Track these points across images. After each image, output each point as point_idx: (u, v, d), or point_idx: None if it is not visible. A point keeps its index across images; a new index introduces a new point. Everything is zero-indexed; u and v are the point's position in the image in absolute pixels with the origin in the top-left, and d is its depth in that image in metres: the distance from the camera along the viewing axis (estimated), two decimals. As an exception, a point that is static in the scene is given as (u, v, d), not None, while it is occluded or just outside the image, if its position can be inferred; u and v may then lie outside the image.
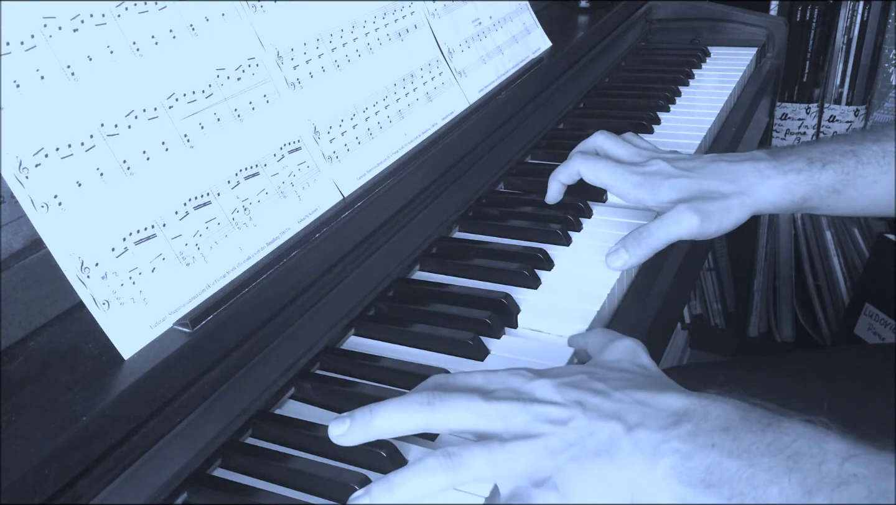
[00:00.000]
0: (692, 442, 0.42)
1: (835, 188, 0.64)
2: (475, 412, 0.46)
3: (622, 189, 0.69)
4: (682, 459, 0.42)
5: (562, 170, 0.73)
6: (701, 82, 1.10)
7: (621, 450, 0.43)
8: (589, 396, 0.46)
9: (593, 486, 0.43)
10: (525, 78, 0.89)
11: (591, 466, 0.43)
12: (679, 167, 0.68)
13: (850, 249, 1.54)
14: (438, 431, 0.48)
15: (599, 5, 1.16)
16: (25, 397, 0.44)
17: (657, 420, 0.44)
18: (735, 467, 0.41)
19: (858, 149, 0.65)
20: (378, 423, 0.47)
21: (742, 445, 0.41)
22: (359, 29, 0.70)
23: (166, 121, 0.52)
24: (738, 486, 0.40)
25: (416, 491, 0.44)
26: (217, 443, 0.51)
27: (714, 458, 0.41)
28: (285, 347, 0.56)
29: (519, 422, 0.46)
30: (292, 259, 0.56)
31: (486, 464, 0.44)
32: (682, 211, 0.64)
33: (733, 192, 0.65)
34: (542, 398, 0.47)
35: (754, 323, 1.70)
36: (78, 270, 0.45)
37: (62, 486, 0.41)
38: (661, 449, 0.43)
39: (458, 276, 0.69)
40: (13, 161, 0.43)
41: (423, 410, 0.46)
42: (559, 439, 0.44)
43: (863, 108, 1.48)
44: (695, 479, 0.41)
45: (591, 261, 0.68)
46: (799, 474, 0.39)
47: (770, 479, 0.39)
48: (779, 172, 0.65)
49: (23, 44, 0.45)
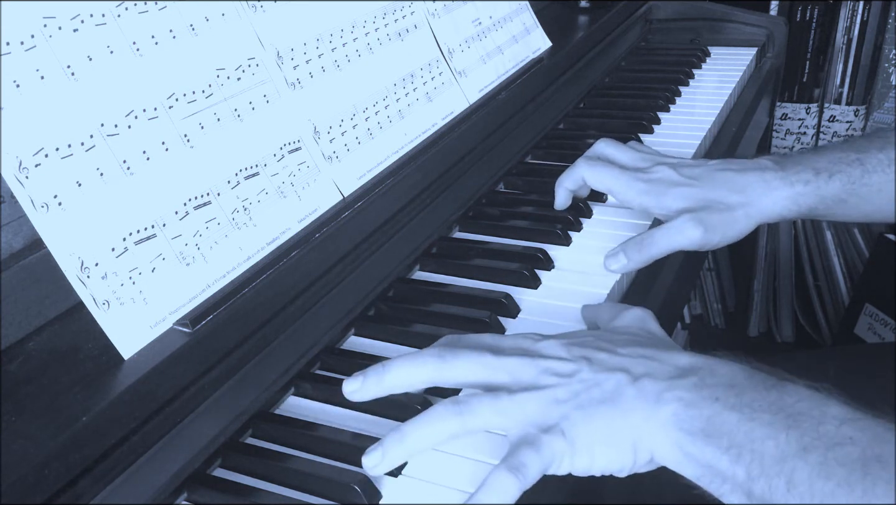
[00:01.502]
0: (696, 393, 0.43)
1: (840, 198, 0.64)
2: (484, 365, 0.47)
3: (627, 196, 0.69)
4: (684, 406, 0.43)
5: (567, 176, 0.73)
6: (701, 82, 1.10)
7: (625, 398, 0.45)
8: (595, 352, 0.48)
9: (598, 432, 0.44)
10: (525, 78, 0.89)
11: (596, 413, 0.44)
12: (685, 175, 0.67)
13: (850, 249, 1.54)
14: (448, 384, 0.49)
15: (599, 5, 1.16)
16: (25, 397, 0.44)
17: (663, 372, 0.46)
18: (735, 420, 0.42)
19: (864, 157, 0.64)
20: (390, 377, 0.48)
21: (744, 401, 0.42)
22: (359, 29, 0.70)
23: (166, 121, 0.52)
24: (736, 437, 0.41)
25: (426, 439, 0.45)
26: (217, 443, 0.51)
27: (716, 409, 0.42)
28: (285, 347, 0.56)
29: (526, 375, 0.47)
30: (292, 259, 0.56)
31: (494, 411, 0.45)
32: (686, 221, 0.64)
33: (738, 204, 0.64)
34: (550, 354, 0.48)
35: (754, 323, 1.70)
36: (78, 270, 0.45)
37: (62, 486, 0.41)
38: (664, 397, 0.44)
39: (458, 276, 0.69)
40: (13, 161, 0.43)
41: (434, 363, 0.48)
42: (565, 389, 0.46)
43: (863, 108, 1.48)
44: (695, 427, 0.42)
45: (591, 261, 0.68)
46: (796, 432, 0.40)
47: (768, 433, 0.40)
48: (785, 183, 0.64)
49: (23, 44, 0.45)
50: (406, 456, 0.46)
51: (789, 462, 0.39)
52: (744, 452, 0.41)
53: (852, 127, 1.49)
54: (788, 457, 0.39)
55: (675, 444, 0.43)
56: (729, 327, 1.75)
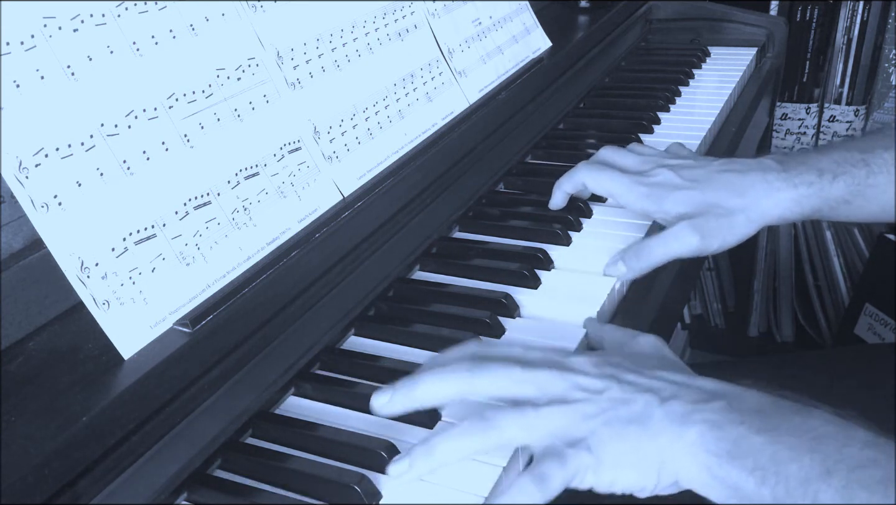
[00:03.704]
0: (723, 415, 0.44)
1: (845, 199, 0.63)
2: (514, 379, 0.48)
3: (628, 200, 0.68)
4: (710, 428, 0.43)
5: (566, 179, 0.72)
6: (701, 82, 1.10)
7: (653, 419, 0.45)
8: (624, 372, 0.48)
9: (625, 451, 0.44)
10: (525, 78, 0.89)
11: (624, 432, 0.45)
12: (685, 177, 0.66)
13: (850, 249, 1.54)
14: (477, 397, 0.49)
15: (599, 5, 1.16)
16: (25, 397, 0.44)
17: (691, 395, 0.46)
18: (760, 442, 0.42)
19: (869, 157, 0.63)
20: (420, 391, 0.48)
21: (770, 424, 0.42)
22: (359, 29, 0.70)
23: (166, 121, 0.52)
24: (760, 459, 0.41)
25: (452, 454, 0.46)
26: (217, 443, 0.51)
27: (741, 432, 0.43)
28: (285, 347, 0.56)
29: (555, 389, 0.47)
30: (292, 259, 0.56)
31: (519, 427, 0.46)
32: (683, 228, 0.63)
33: (739, 208, 0.64)
34: (580, 369, 0.48)
35: (754, 323, 1.70)
36: (78, 270, 0.45)
37: (62, 486, 0.41)
38: (691, 418, 0.44)
39: (458, 276, 0.69)
40: (13, 161, 0.43)
41: (463, 377, 0.48)
42: (594, 405, 0.46)
43: (863, 108, 1.48)
44: (721, 449, 0.43)
45: (591, 261, 0.68)
46: (820, 455, 0.40)
47: (792, 456, 0.41)
48: (789, 185, 0.63)
49: (23, 44, 0.45)
50: (432, 469, 0.46)
51: (813, 484, 0.39)
52: (769, 474, 0.41)
53: (852, 127, 1.49)
54: (812, 479, 0.40)
55: (703, 466, 0.43)
56: (729, 327, 1.75)
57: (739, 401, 0.45)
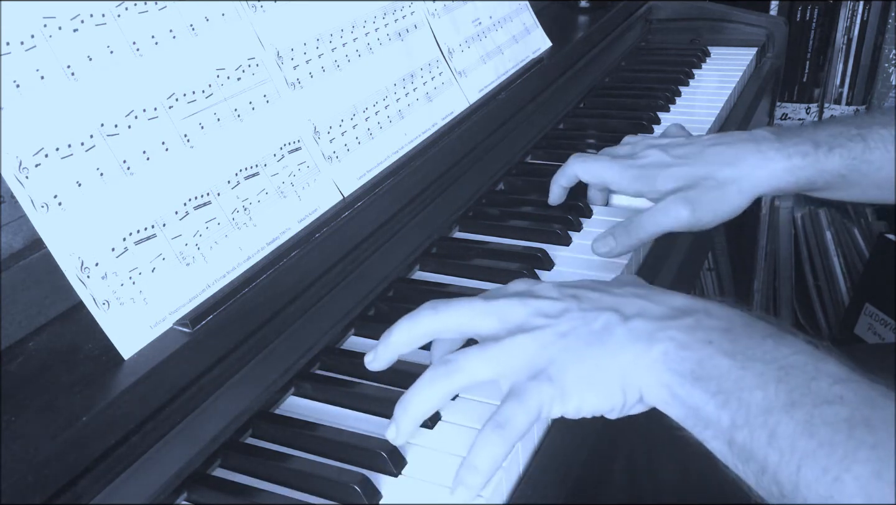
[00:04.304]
0: (689, 334, 0.43)
1: (840, 173, 0.62)
2: (474, 311, 0.48)
3: (621, 184, 0.68)
4: (676, 347, 0.42)
5: (561, 174, 0.73)
6: (701, 82, 1.10)
7: (615, 337, 0.44)
8: (587, 291, 0.47)
9: (586, 374, 0.43)
10: (525, 78, 0.89)
11: (585, 354, 0.44)
12: (675, 155, 0.66)
13: (850, 249, 1.54)
14: (444, 334, 0.49)
15: (599, 5, 1.16)
16: (25, 397, 0.44)
17: (657, 311, 0.45)
18: (726, 365, 0.41)
19: (866, 132, 0.62)
20: (394, 338, 0.49)
21: (738, 347, 0.41)
22: (359, 29, 0.70)
23: (166, 121, 0.52)
24: (724, 384, 0.40)
25: (426, 402, 0.46)
26: (217, 443, 0.51)
27: (708, 352, 0.41)
28: (285, 347, 0.56)
29: (515, 317, 0.47)
30: (292, 259, 0.56)
31: (482, 362, 0.45)
32: (672, 202, 0.62)
33: (730, 178, 0.63)
34: (540, 294, 0.48)
35: (754, 323, 1.70)
36: (78, 270, 0.45)
37: (62, 486, 0.41)
38: (656, 336, 0.43)
39: (458, 276, 0.69)
40: (13, 161, 0.43)
41: (428, 315, 0.48)
42: (552, 331, 0.45)
43: (863, 108, 1.48)
44: (685, 369, 0.42)
45: (590, 261, 0.68)
46: (786, 385, 0.39)
47: (757, 383, 0.39)
48: (782, 155, 0.62)
49: (23, 44, 0.45)
50: (415, 423, 0.46)
51: (774, 415, 0.38)
52: (731, 399, 0.40)
53: (852, 127, 1.49)
54: (774, 409, 0.38)
55: (664, 384, 0.42)
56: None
57: (708, 317, 0.43)
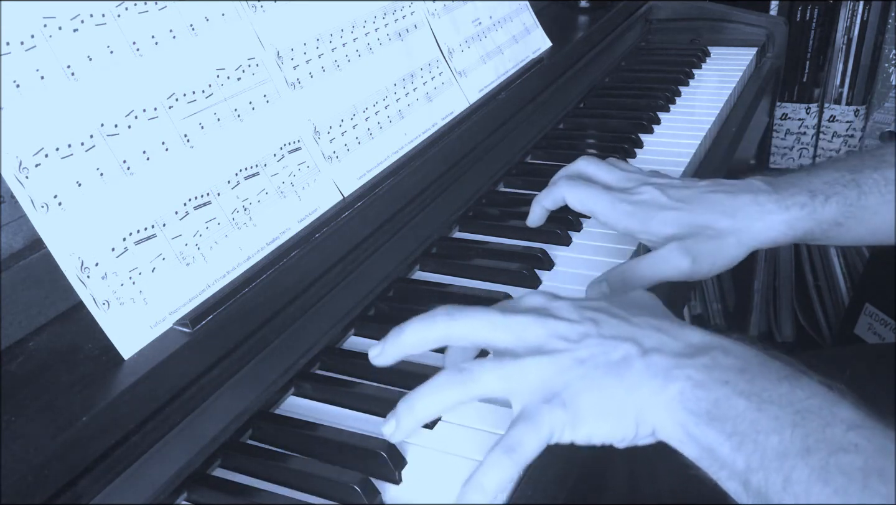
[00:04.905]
0: (706, 374, 0.42)
1: (837, 221, 0.61)
2: (491, 323, 0.47)
3: (611, 218, 0.64)
4: (692, 386, 0.42)
5: (546, 195, 0.68)
6: (701, 82, 1.10)
7: (632, 371, 0.44)
8: (607, 317, 0.47)
9: (601, 404, 0.43)
10: (525, 78, 0.89)
11: (601, 384, 0.44)
12: (672, 197, 0.63)
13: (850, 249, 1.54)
14: (457, 341, 0.49)
15: (599, 5, 1.16)
16: (25, 397, 0.44)
17: (674, 348, 0.44)
18: (742, 407, 0.41)
19: (860, 178, 0.61)
20: (405, 336, 0.48)
21: (754, 389, 0.41)
22: (359, 29, 0.70)
23: (166, 121, 0.52)
24: (740, 425, 0.40)
25: (432, 406, 0.45)
26: (217, 443, 0.51)
27: (724, 392, 0.41)
28: (285, 347, 0.56)
29: (532, 336, 0.46)
30: (292, 259, 0.56)
31: (497, 377, 0.45)
32: (673, 251, 0.60)
33: (729, 230, 0.61)
34: (559, 315, 0.47)
35: (754, 323, 1.70)
36: (78, 270, 0.45)
37: (62, 486, 0.41)
38: (673, 374, 0.43)
39: (458, 276, 0.69)
40: (13, 161, 0.43)
41: (443, 320, 0.48)
42: (571, 356, 0.45)
43: (863, 108, 1.48)
44: (701, 409, 0.41)
45: (590, 261, 0.68)
46: (802, 430, 0.39)
47: (773, 427, 0.39)
48: (780, 207, 0.61)
49: (23, 44, 0.45)
50: (418, 424, 0.46)
51: (790, 460, 0.38)
52: (746, 441, 0.40)
53: (852, 127, 1.49)
54: (790, 455, 0.38)
55: (679, 423, 0.42)
56: (729, 327, 1.75)
57: (725, 356, 0.43)
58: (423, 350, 0.49)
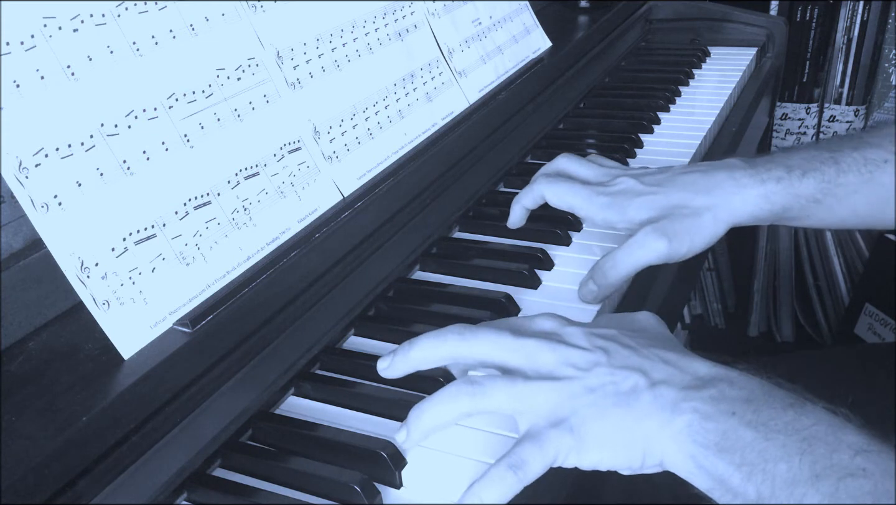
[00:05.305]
0: (713, 406, 0.43)
1: (815, 197, 0.61)
2: (503, 345, 0.48)
3: (589, 211, 0.65)
4: (700, 419, 0.43)
5: (525, 194, 0.69)
6: (701, 82, 1.10)
7: (641, 402, 0.44)
8: (617, 346, 0.47)
9: (608, 433, 0.44)
10: (525, 78, 0.89)
11: (610, 414, 0.44)
12: (647, 183, 0.64)
13: (850, 249, 1.54)
14: (467, 360, 0.49)
15: (599, 5, 1.16)
16: (25, 397, 0.44)
17: (682, 380, 0.45)
18: (750, 437, 0.41)
19: (838, 156, 0.61)
20: (415, 353, 0.49)
21: (761, 419, 0.42)
22: (359, 29, 0.70)
23: (166, 121, 0.52)
24: (749, 455, 0.41)
25: (441, 416, 0.46)
26: (217, 443, 0.51)
27: (732, 424, 0.42)
28: (285, 347, 0.56)
29: (543, 361, 0.47)
30: (292, 259, 0.56)
31: (507, 395, 0.45)
32: (648, 234, 0.60)
33: (705, 206, 0.61)
34: (570, 342, 0.48)
35: (754, 323, 1.70)
36: (78, 270, 0.45)
37: (62, 486, 0.41)
38: (680, 406, 0.43)
39: (458, 276, 0.69)
40: (13, 161, 0.43)
41: (454, 339, 0.48)
42: (581, 384, 0.45)
43: (863, 108, 1.48)
44: (709, 441, 0.42)
45: (590, 261, 0.68)
46: (810, 457, 0.39)
47: (781, 455, 0.40)
48: (756, 181, 0.61)
49: (23, 44, 0.45)
50: (426, 433, 0.46)
51: (800, 487, 0.39)
52: (756, 471, 0.40)
53: (852, 127, 1.49)
54: (800, 482, 0.39)
55: (689, 455, 0.43)
56: (729, 327, 1.75)
57: (731, 388, 0.44)
58: (432, 367, 0.49)
